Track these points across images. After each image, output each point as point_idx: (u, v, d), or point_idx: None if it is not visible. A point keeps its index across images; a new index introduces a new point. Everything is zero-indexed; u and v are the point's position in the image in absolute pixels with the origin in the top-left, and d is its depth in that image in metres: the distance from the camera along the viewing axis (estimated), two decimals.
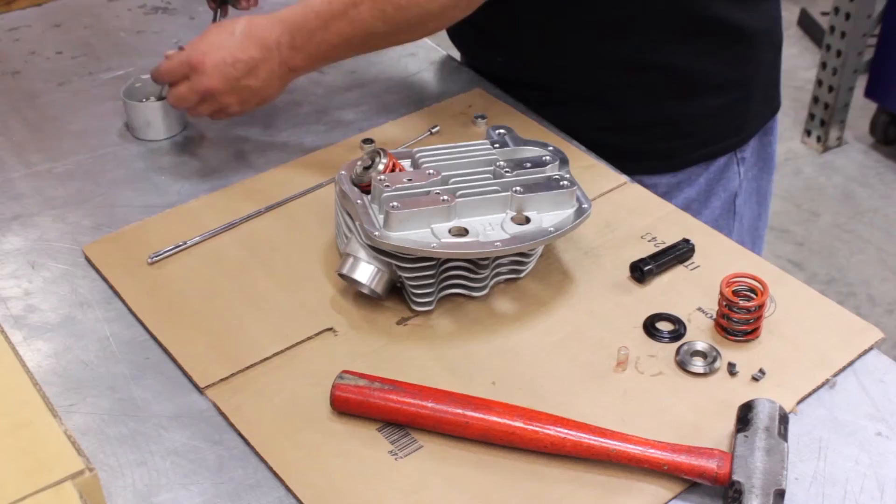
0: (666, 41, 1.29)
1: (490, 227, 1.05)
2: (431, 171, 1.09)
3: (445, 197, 1.05)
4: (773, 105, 1.44)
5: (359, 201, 1.06)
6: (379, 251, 1.04)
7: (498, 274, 1.10)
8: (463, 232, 1.04)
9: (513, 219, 1.06)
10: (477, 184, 1.08)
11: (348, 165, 1.12)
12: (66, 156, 1.35)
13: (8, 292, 1.13)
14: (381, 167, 1.08)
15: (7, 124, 1.41)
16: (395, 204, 1.03)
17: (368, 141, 1.32)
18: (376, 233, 1.03)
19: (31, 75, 1.52)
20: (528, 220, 1.06)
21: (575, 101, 1.35)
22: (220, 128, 1.40)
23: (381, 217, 1.04)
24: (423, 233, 1.04)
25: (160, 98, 1.38)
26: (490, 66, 1.44)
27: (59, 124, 1.41)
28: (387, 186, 1.05)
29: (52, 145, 1.37)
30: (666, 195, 1.34)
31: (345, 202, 1.09)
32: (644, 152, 1.34)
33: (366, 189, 1.08)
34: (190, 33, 1.62)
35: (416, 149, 1.14)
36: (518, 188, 1.07)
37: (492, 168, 1.10)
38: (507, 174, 1.09)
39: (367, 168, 1.09)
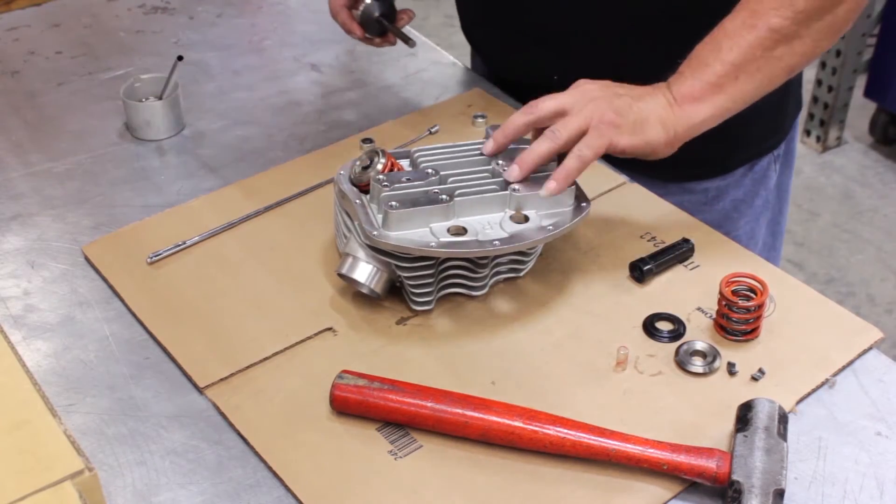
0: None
1: (489, 226, 1.05)
2: (430, 170, 1.09)
3: (444, 196, 1.05)
4: (799, 102, 1.44)
5: (357, 201, 1.06)
6: (378, 251, 1.04)
7: (497, 273, 1.10)
8: (462, 231, 1.04)
9: (511, 217, 1.06)
10: (475, 183, 1.08)
11: (347, 165, 1.11)
12: (66, 155, 1.35)
13: (7, 292, 1.13)
14: (379, 167, 1.08)
15: (6, 124, 1.41)
16: (393, 203, 1.03)
17: (368, 140, 1.32)
18: (375, 232, 1.03)
19: (30, 75, 1.52)
20: (526, 219, 1.06)
21: None
22: (220, 128, 1.40)
23: (379, 217, 1.04)
24: (422, 232, 1.04)
25: (160, 98, 1.38)
26: (538, 80, 1.36)
27: (59, 124, 1.41)
28: (385, 186, 1.05)
29: (51, 145, 1.37)
30: (715, 199, 1.34)
31: (343, 202, 1.09)
32: (695, 158, 1.32)
33: (364, 189, 1.08)
34: (189, 33, 1.62)
35: (414, 148, 1.14)
36: (516, 187, 1.07)
37: (490, 167, 1.10)
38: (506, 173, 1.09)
39: (365, 168, 1.09)
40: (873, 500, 0.90)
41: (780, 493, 0.86)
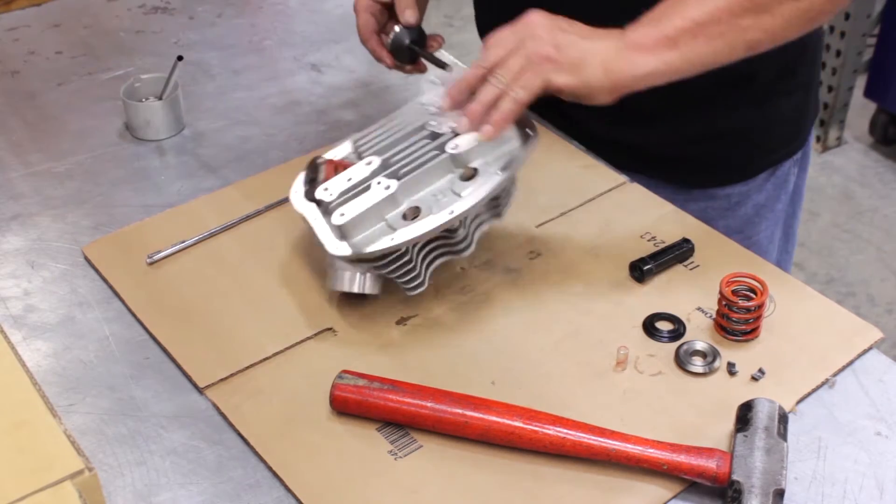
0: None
1: (442, 195, 1.03)
2: (371, 159, 1.06)
3: (388, 185, 1.03)
4: (818, 106, 1.42)
5: (312, 218, 1.06)
6: (349, 259, 1.04)
7: (479, 223, 1.08)
8: (416, 212, 1.03)
9: (461, 177, 1.04)
10: (415, 156, 1.05)
11: (298, 183, 1.10)
12: (66, 155, 1.35)
13: (7, 292, 1.13)
14: (321, 177, 1.07)
15: (7, 124, 1.41)
16: (341, 213, 1.02)
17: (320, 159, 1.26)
18: (333, 247, 1.03)
19: (30, 75, 1.52)
20: (475, 172, 1.04)
21: (655, 118, 1.30)
22: (219, 128, 1.40)
23: (337, 214, 1.03)
24: (380, 228, 1.02)
25: (160, 98, 1.39)
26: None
27: (59, 124, 1.41)
28: (331, 195, 1.04)
29: (51, 145, 1.37)
30: (737, 204, 1.33)
31: (304, 222, 1.08)
32: (719, 163, 1.32)
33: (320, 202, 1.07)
34: (189, 33, 1.62)
35: (355, 136, 1.12)
36: (453, 145, 1.04)
37: (427, 132, 1.07)
38: (442, 134, 1.06)
39: (312, 181, 1.08)
40: (873, 500, 0.90)
41: (780, 493, 0.86)
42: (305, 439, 0.96)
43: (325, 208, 1.05)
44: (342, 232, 1.03)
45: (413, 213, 1.03)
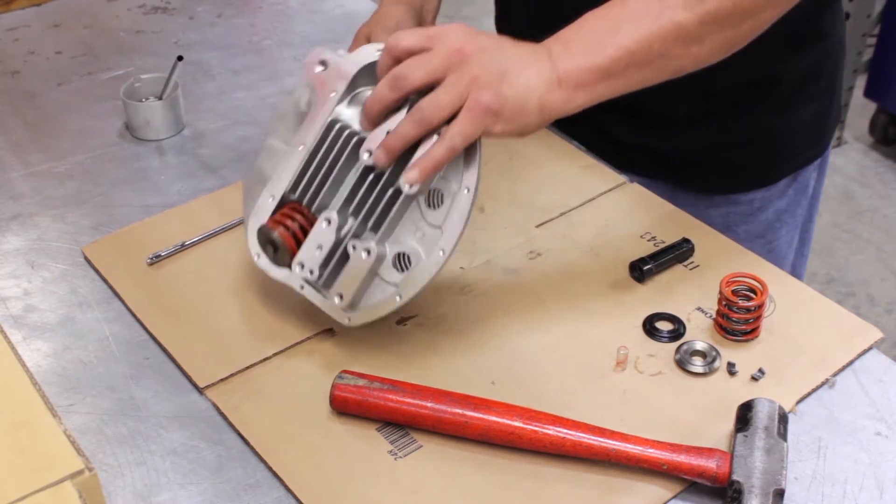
0: (781, 53, 1.24)
1: (417, 230, 0.97)
2: (328, 216, 0.98)
3: (367, 248, 0.96)
4: (839, 110, 1.41)
5: (308, 296, 1.01)
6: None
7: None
8: (407, 261, 0.97)
9: (426, 202, 0.97)
10: (372, 201, 0.98)
11: (261, 259, 1.04)
12: (66, 155, 1.35)
13: (7, 292, 1.13)
14: (280, 242, 1.00)
15: (6, 124, 1.41)
16: (339, 295, 0.99)
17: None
18: (346, 320, 1.00)
19: (30, 75, 1.52)
20: (439, 195, 0.96)
21: (680, 124, 1.29)
22: (219, 128, 1.40)
23: (336, 299, 0.99)
24: (378, 287, 0.98)
25: (160, 98, 1.39)
26: None
27: (59, 124, 1.41)
28: (311, 273, 0.99)
29: (51, 145, 1.37)
30: (759, 210, 1.33)
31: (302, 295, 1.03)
32: (741, 170, 1.31)
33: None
34: (189, 33, 1.62)
35: (288, 187, 1.01)
36: (407, 186, 0.94)
37: (362, 161, 0.98)
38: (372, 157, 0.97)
39: (276, 252, 1.01)
40: (873, 500, 0.90)
41: (780, 493, 0.86)
42: (305, 439, 0.96)
43: (313, 285, 1.01)
44: (345, 305, 1.00)
45: (404, 265, 0.98)
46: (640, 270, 1.11)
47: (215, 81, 1.51)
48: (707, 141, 1.29)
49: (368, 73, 0.99)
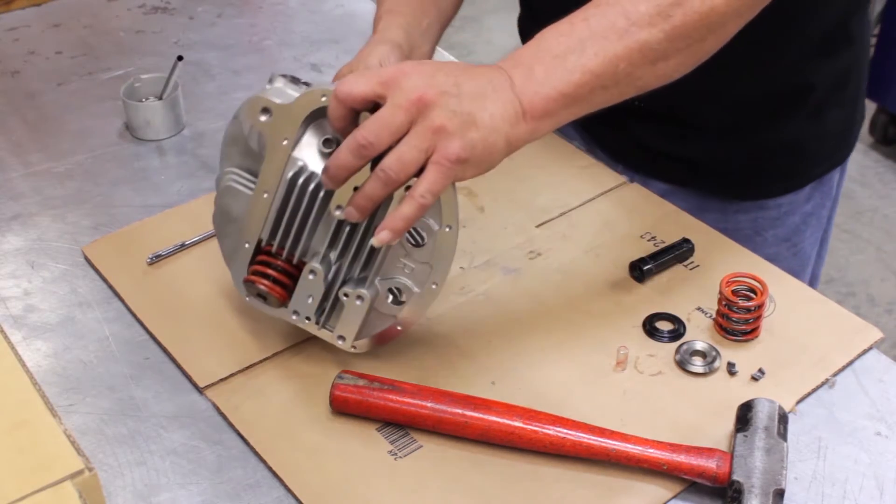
0: (814, 60, 1.23)
1: (404, 266, 0.96)
2: (312, 268, 0.96)
3: (359, 296, 0.96)
4: (864, 112, 1.40)
5: (311, 331, 1.00)
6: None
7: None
8: (397, 293, 0.97)
9: (408, 241, 0.95)
10: (354, 250, 0.97)
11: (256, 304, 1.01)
12: (66, 155, 1.35)
13: (7, 292, 1.13)
14: (266, 293, 0.98)
15: (6, 124, 1.41)
16: (340, 337, 0.99)
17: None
18: (352, 347, 1.00)
19: (30, 75, 1.52)
20: (419, 235, 0.95)
21: (712, 131, 1.28)
22: (220, 128, 1.40)
23: (336, 339, 1.00)
24: (377, 320, 0.99)
25: (160, 98, 1.39)
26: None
27: (59, 124, 1.41)
28: (308, 319, 0.99)
29: (51, 145, 1.37)
30: (787, 214, 1.32)
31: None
32: (771, 175, 1.30)
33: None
34: (189, 33, 1.62)
35: (261, 234, 0.98)
36: (378, 243, 0.91)
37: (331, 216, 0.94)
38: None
39: (266, 302, 1.00)
40: (873, 500, 0.90)
41: (780, 493, 0.86)
42: (305, 439, 0.96)
43: (313, 326, 1.00)
44: (350, 339, 1.00)
45: (395, 298, 0.97)
46: (640, 270, 1.11)
47: (215, 81, 1.51)
48: (740, 147, 1.28)
49: (317, 116, 0.94)
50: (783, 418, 0.92)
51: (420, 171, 0.89)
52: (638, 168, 1.31)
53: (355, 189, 0.91)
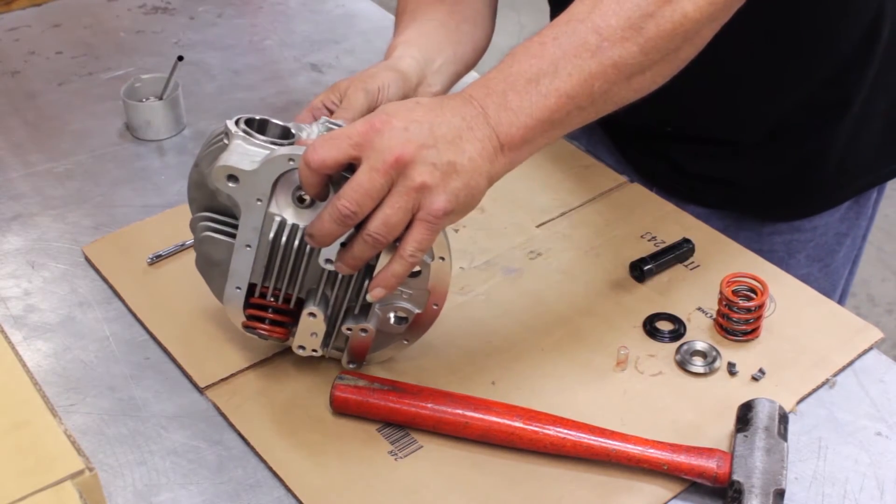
0: (854, 72, 1.21)
1: (402, 292, 0.95)
2: (311, 310, 0.95)
3: (364, 329, 0.96)
4: None
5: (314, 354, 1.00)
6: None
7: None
8: (404, 312, 0.97)
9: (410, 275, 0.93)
10: (352, 289, 0.96)
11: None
12: (66, 156, 1.35)
13: (8, 292, 1.13)
14: (266, 334, 0.98)
15: (7, 124, 1.41)
16: (350, 363, 1.01)
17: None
18: (352, 365, 1.01)
19: (30, 75, 1.52)
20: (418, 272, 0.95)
21: (747, 149, 1.26)
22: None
23: (348, 365, 1.01)
24: (384, 339, 0.99)
25: (160, 98, 1.39)
26: (644, 123, 1.24)
27: (59, 124, 1.41)
28: (315, 352, 0.99)
29: (51, 145, 1.37)
30: (822, 235, 1.30)
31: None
32: (806, 193, 1.29)
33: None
34: (190, 33, 1.62)
35: (251, 279, 0.96)
36: (379, 295, 0.91)
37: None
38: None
39: (266, 340, 1.00)
40: (873, 500, 0.90)
41: (780, 493, 0.86)
42: (305, 439, 0.96)
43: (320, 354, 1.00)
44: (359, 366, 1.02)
45: (401, 316, 0.97)
46: (641, 270, 1.11)
47: (216, 81, 1.51)
48: (776, 164, 1.26)
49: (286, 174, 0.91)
50: (783, 418, 0.92)
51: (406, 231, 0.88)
52: (673, 192, 1.29)
53: (342, 245, 0.89)
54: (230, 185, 0.90)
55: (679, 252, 1.13)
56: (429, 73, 1.08)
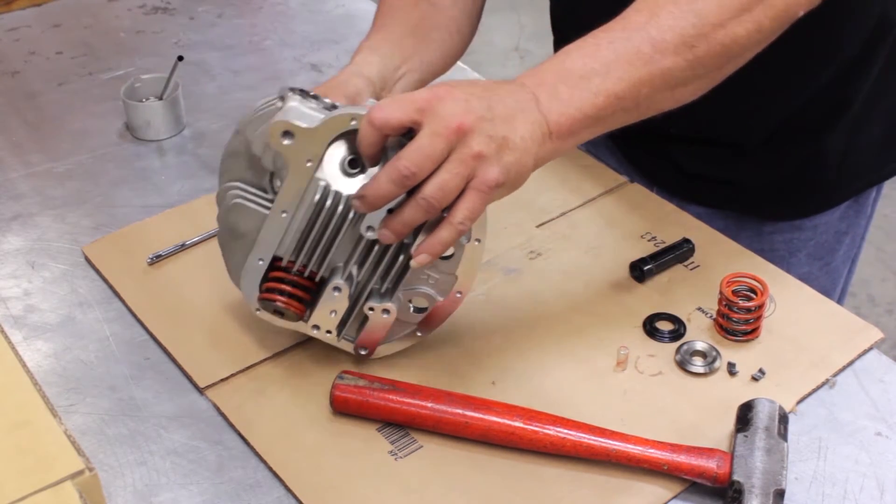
0: (857, 73, 1.22)
1: (427, 277, 0.96)
2: (336, 284, 0.95)
3: (386, 309, 0.97)
4: None
5: (330, 342, 1.01)
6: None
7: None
8: (423, 302, 0.98)
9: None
10: (382, 266, 0.96)
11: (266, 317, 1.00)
12: (66, 156, 1.35)
13: (8, 292, 1.13)
14: (283, 308, 0.97)
15: (7, 124, 1.41)
16: (363, 351, 1.01)
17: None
18: (363, 352, 1.01)
19: (30, 75, 1.52)
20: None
21: (748, 150, 1.27)
22: (220, 128, 1.40)
23: (359, 351, 1.01)
24: (399, 327, 1.00)
25: (160, 98, 1.39)
26: (646, 123, 1.28)
27: (59, 124, 1.41)
28: (330, 333, 0.99)
29: (51, 145, 1.37)
30: (822, 233, 1.31)
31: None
32: (807, 193, 1.29)
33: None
34: (190, 33, 1.62)
35: (279, 250, 0.96)
36: (415, 263, 0.92)
37: (357, 226, 0.93)
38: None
39: (282, 317, 0.99)
40: (873, 501, 0.90)
41: (780, 494, 0.86)
42: (306, 439, 0.96)
43: (333, 338, 1.00)
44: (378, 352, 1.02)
45: (420, 305, 0.98)
46: (641, 270, 1.11)
47: (215, 81, 1.51)
48: (777, 164, 1.27)
49: (342, 137, 0.92)
50: (783, 418, 0.92)
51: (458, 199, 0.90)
52: (675, 191, 1.29)
53: (389, 211, 0.90)
54: (285, 142, 0.90)
55: (679, 252, 1.13)
56: (391, 80, 1.09)
